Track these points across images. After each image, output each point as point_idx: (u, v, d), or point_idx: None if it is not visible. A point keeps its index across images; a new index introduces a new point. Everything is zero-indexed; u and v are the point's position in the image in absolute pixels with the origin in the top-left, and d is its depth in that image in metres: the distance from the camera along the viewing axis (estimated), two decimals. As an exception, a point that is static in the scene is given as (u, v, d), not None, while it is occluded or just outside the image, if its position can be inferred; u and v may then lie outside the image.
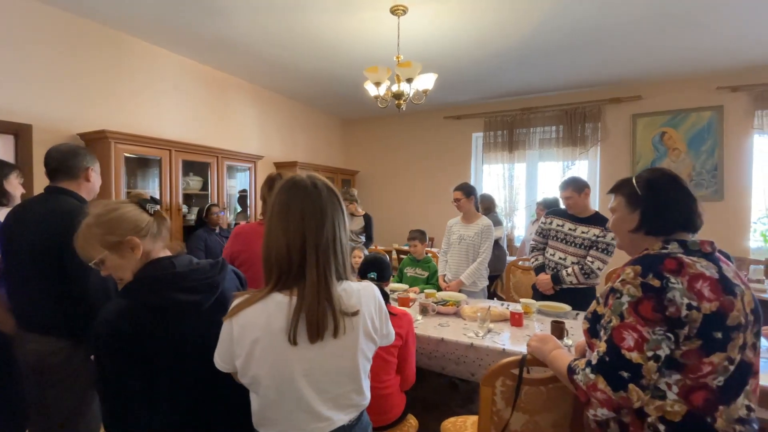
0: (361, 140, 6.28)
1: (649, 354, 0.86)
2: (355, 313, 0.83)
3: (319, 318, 0.78)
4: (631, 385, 0.87)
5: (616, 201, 1.10)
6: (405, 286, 2.87)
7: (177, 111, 3.70)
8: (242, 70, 4.12)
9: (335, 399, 0.83)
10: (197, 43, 3.42)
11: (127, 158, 3.04)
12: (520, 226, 5.09)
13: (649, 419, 0.89)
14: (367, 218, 4.11)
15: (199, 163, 3.62)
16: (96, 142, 2.92)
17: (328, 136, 6.00)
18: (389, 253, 4.43)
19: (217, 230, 3.34)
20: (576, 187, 2.39)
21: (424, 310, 2.27)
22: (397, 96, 2.89)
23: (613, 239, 2.29)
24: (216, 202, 3.62)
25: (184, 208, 3.50)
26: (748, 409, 0.90)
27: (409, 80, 2.75)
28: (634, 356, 0.87)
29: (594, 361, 0.93)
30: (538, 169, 5.08)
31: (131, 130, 3.13)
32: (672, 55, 3.62)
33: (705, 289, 0.87)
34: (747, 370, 0.90)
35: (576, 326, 2.06)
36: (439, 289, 2.80)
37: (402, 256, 3.37)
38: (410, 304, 2.41)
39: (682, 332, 0.86)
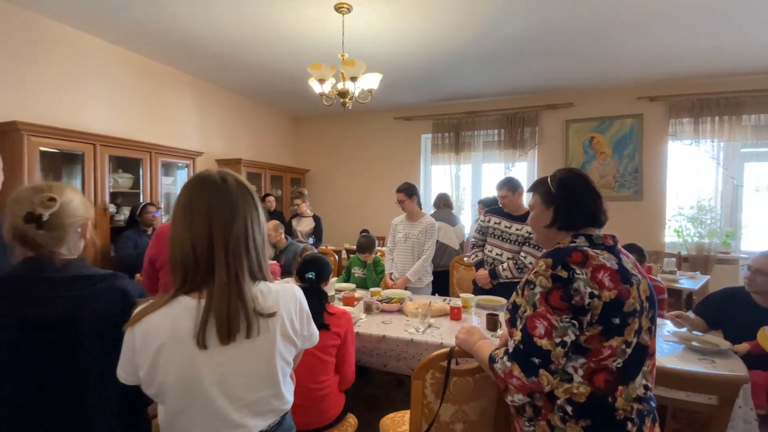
0: (312, 138, 6.18)
1: (557, 341, 0.92)
2: (272, 315, 0.80)
3: (230, 317, 0.74)
4: (541, 371, 0.92)
5: (534, 199, 1.16)
6: (352, 286, 2.86)
7: (104, 102, 3.40)
8: (180, 61, 3.88)
9: (251, 405, 0.80)
10: (127, 30, 3.17)
11: (43, 153, 2.75)
12: (466, 225, 5.26)
13: (558, 401, 0.95)
14: (317, 219, 4.06)
15: (129, 159, 3.36)
16: (5, 134, 2.61)
17: (277, 134, 5.83)
18: (339, 252, 4.39)
19: (150, 231, 3.12)
20: (510, 186, 2.53)
21: (368, 309, 2.27)
22: (342, 94, 2.88)
23: (543, 235, 2.45)
24: (150, 200, 3.38)
25: (112, 208, 3.23)
26: (646, 388, 0.97)
27: (354, 79, 2.74)
28: (544, 343, 0.92)
29: (510, 350, 0.97)
30: (483, 170, 5.30)
31: (48, 121, 2.83)
32: (599, 66, 3.94)
33: (606, 279, 0.93)
34: (643, 352, 0.98)
35: (511, 318, 2.17)
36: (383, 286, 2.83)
37: (352, 255, 3.36)
38: (355, 303, 2.40)
39: (585, 319, 0.92)
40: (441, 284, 3.21)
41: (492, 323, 1.96)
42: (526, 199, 4.50)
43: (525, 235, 2.49)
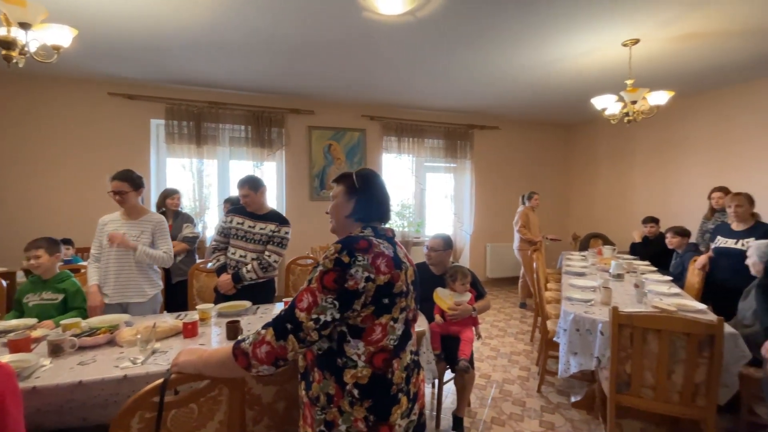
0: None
1: (313, 316, 0.98)
2: None
3: None
4: (290, 336, 0.97)
5: (338, 189, 1.25)
6: (30, 321, 2.03)
7: None
8: None
9: None
10: None
11: None
12: (212, 226, 4.83)
13: (347, 387, 1.03)
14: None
15: None
16: None
17: None
18: (11, 276, 3.05)
19: None
20: (252, 185, 2.47)
21: (56, 350, 1.65)
22: (5, 44, 1.98)
23: (286, 233, 2.52)
24: None
25: None
26: (412, 353, 1.16)
27: (26, 26, 1.94)
28: (302, 316, 0.99)
29: (270, 319, 1.02)
30: (230, 166, 5.00)
31: None
32: (334, 83, 4.46)
33: (382, 265, 1.05)
34: (409, 327, 1.15)
35: (255, 321, 2.10)
36: (85, 316, 2.16)
37: (28, 278, 2.37)
38: (32, 346, 1.70)
39: (359, 301, 1.01)
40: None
41: (232, 332, 1.83)
42: (283, 199, 4.54)
43: (269, 234, 2.49)
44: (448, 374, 2.50)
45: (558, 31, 3.11)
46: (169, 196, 3.55)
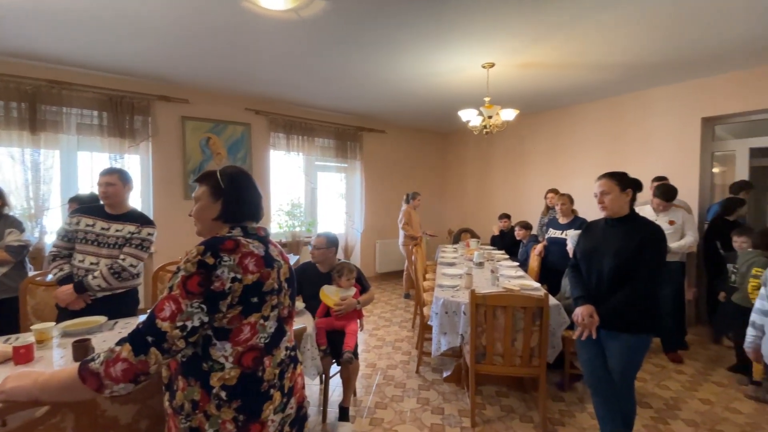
0: None
1: (179, 324, 0.93)
2: None
3: None
4: (152, 349, 0.91)
5: (201, 191, 1.16)
6: None
7: None
8: None
9: None
10: None
11: None
12: (53, 231, 4.00)
13: (214, 390, 1.00)
14: None
15: None
16: None
17: None
18: None
19: None
20: (123, 175, 2.17)
21: None
22: None
23: (149, 235, 2.27)
24: None
25: None
26: (287, 349, 1.15)
27: None
28: (165, 325, 0.92)
29: (127, 335, 0.93)
30: (78, 159, 4.20)
31: None
32: (212, 71, 4.12)
33: (251, 264, 1.03)
34: (283, 324, 1.13)
35: (113, 338, 1.85)
36: None
37: None
38: None
39: (225, 302, 0.98)
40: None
41: (81, 352, 1.58)
42: (150, 197, 3.97)
43: (127, 236, 2.20)
44: (335, 368, 2.58)
45: (430, 48, 3.47)
46: None
